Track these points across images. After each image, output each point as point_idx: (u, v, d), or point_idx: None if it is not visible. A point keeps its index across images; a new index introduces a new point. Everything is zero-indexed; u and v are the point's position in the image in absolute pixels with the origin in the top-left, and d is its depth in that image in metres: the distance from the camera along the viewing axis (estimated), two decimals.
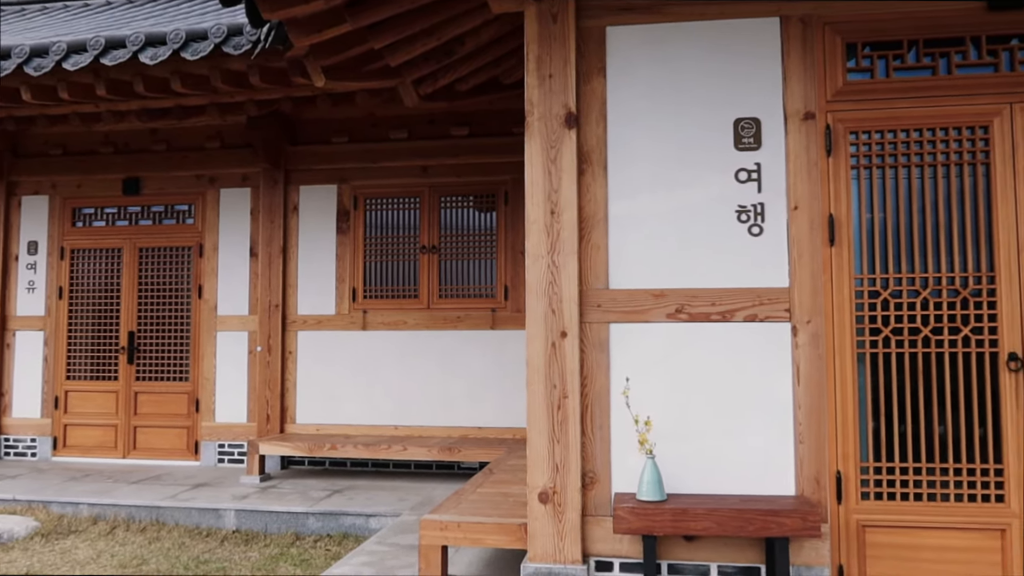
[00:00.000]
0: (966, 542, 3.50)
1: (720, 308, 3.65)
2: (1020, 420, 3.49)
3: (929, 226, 3.61)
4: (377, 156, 7.13)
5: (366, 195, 7.21)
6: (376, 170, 7.15)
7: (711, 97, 3.74)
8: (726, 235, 3.67)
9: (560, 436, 3.65)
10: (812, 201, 3.63)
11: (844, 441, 3.57)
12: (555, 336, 3.67)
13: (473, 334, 6.92)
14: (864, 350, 3.60)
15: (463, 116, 6.90)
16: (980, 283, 3.56)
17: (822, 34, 3.69)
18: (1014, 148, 3.56)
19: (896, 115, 3.63)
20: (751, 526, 3.32)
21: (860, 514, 3.55)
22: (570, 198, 3.70)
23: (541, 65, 3.77)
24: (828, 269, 3.61)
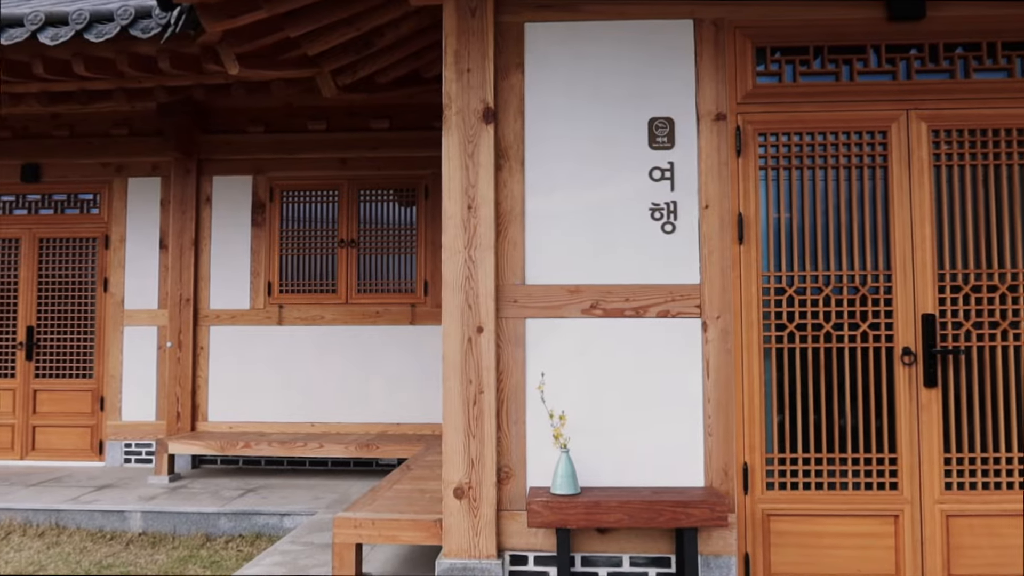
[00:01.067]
0: (863, 528, 3.66)
1: (634, 304, 3.71)
2: (913, 411, 3.67)
3: (832, 226, 3.76)
4: (294, 147, 6.97)
5: (283, 187, 7.04)
6: (293, 161, 6.99)
7: (627, 96, 3.80)
8: (640, 232, 3.74)
9: (476, 431, 3.65)
10: (722, 200, 3.73)
11: (751, 433, 3.68)
12: (471, 331, 3.67)
13: (392, 329, 6.85)
14: (770, 345, 3.72)
15: (384, 109, 6.81)
16: (878, 281, 3.73)
17: (733, 38, 3.79)
18: (909, 153, 3.73)
19: (802, 118, 3.76)
20: (661, 517, 3.40)
21: (765, 503, 3.67)
22: (487, 193, 3.70)
23: (459, 59, 3.75)
24: (737, 266, 3.72)
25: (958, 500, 3.64)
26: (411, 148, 6.78)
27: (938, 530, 3.63)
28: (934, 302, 3.68)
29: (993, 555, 3.63)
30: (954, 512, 3.64)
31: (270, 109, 7.01)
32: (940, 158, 3.74)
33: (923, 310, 3.68)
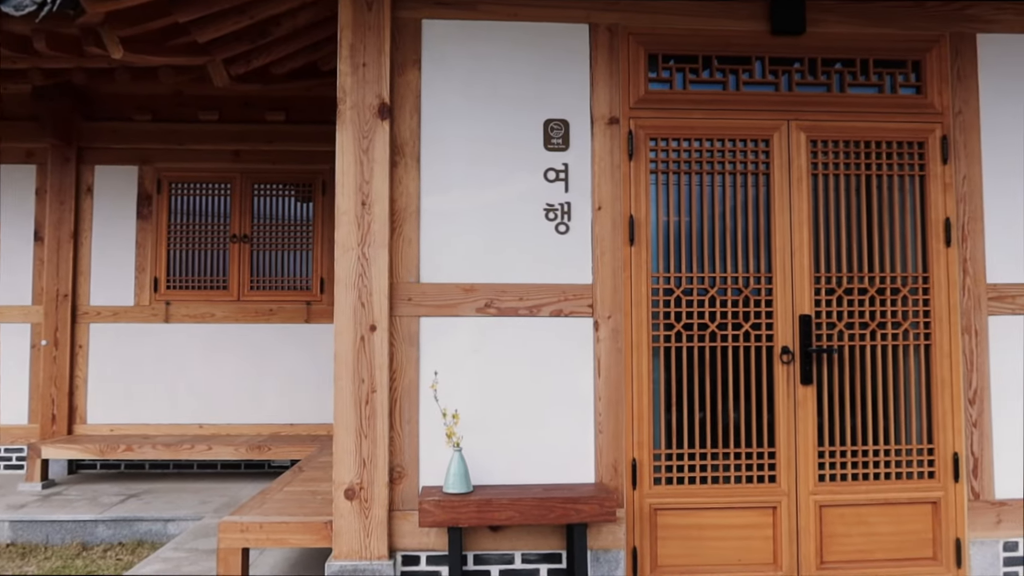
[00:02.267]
0: (743, 520, 3.81)
1: (528, 303, 3.74)
2: (790, 408, 3.85)
3: (718, 229, 3.90)
4: (184, 137, 6.68)
5: (171, 178, 6.74)
6: (183, 152, 6.70)
7: (524, 97, 3.83)
8: (535, 232, 3.78)
9: (368, 431, 3.60)
10: (614, 202, 3.81)
11: (640, 430, 3.78)
12: (364, 330, 3.61)
13: (287, 328, 6.67)
14: (659, 344, 3.83)
15: (280, 101, 6.62)
16: (759, 283, 3.89)
17: (627, 44, 3.87)
18: (789, 161, 3.91)
19: (691, 124, 3.89)
20: (552, 514, 3.44)
21: (653, 498, 3.77)
22: (382, 190, 3.65)
23: (355, 53, 3.69)
24: (628, 267, 3.81)
25: (830, 491, 3.85)
26: (308, 142, 6.63)
27: (812, 520, 3.82)
28: (811, 304, 3.87)
29: (862, 542, 3.85)
30: (827, 503, 3.84)
31: (158, 96, 6.69)
32: (818, 167, 3.94)
33: (800, 311, 3.87)
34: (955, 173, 3.95)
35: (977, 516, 3.87)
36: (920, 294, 3.94)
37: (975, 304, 3.93)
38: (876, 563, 3.84)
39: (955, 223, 3.94)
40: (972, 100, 3.99)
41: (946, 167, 3.95)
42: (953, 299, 3.92)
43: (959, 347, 3.90)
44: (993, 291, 3.94)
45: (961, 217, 3.94)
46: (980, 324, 3.92)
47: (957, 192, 3.95)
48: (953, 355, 3.91)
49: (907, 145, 3.97)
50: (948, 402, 3.90)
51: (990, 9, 4.02)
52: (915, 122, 3.96)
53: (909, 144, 3.97)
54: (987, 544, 3.87)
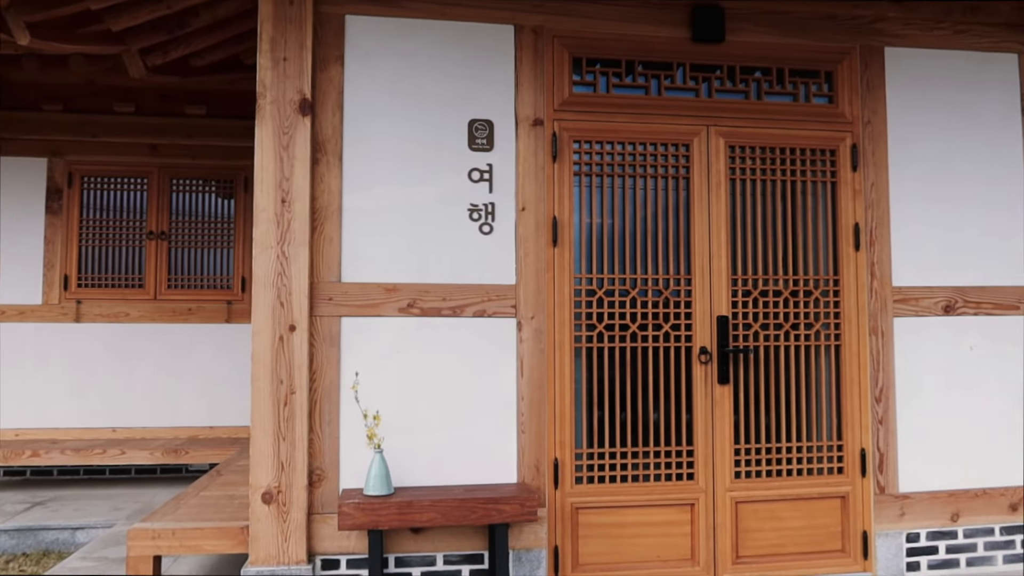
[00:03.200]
0: (663, 517, 3.88)
1: (451, 303, 3.73)
2: (708, 407, 3.94)
3: (639, 232, 3.96)
4: (97, 129, 6.41)
5: (83, 172, 6.46)
6: (96, 145, 6.42)
7: (449, 96, 3.81)
8: (459, 232, 3.76)
9: (286, 433, 3.52)
10: (538, 203, 3.83)
11: (562, 430, 3.80)
12: (283, 329, 3.54)
13: (206, 328, 6.48)
14: (581, 345, 3.87)
15: (200, 94, 6.43)
16: (679, 285, 3.97)
17: (552, 46, 3.90)
18: (709, 166, 4.01)
19: (615, 128, 3.94)
20: (474, 514, 3.43)
21: (574, 497, 3.81)
22: (303, 188, 3.58)
23: (275, 47, 3.61)
24: (551, 268, 3.83)
25: (746, 488, 3.95)
26: (230, 137, 6.45)
27: (728, 516, 3.92)
28: (728, 305, 3.97)
29: (775, 536, 3.97)
30: (742, 499, 3.94)
31: (70, 86, 6.40)
32: (735, 172, 4.04)
33: (718, 312, 3.96)
34: (864, 180, 4.11)
35: (882, 509, 4.03)
36: (831, 296, 4.09)
37: (882, 306, 4.09)
38: (788, 556, 3.97)
39: (864, 228, 4.10)
40: (880, 110, 4.15)
41: (856, 174, 4.11)
42: (861, 301, 4.08)
43: (867, 347, 4.06)
44: (898, 294, 4.12)
45: (869, 223, 4.10)
46: (886, 325, 4.09)
47: (866, 198, 4.11)
48: (861, 355, 4.06)
49: (820, 152, 4.11)
50: (856, 400, 4.06)
51: (897, 24, 4.20)
52: (827, 130, 4.10)
53: (822, 151, 4.11)
54: (891, 536, 4.03)
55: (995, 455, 4.18)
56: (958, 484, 4.14)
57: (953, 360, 4.17)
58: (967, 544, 4.13)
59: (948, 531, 4.10)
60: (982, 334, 4.20)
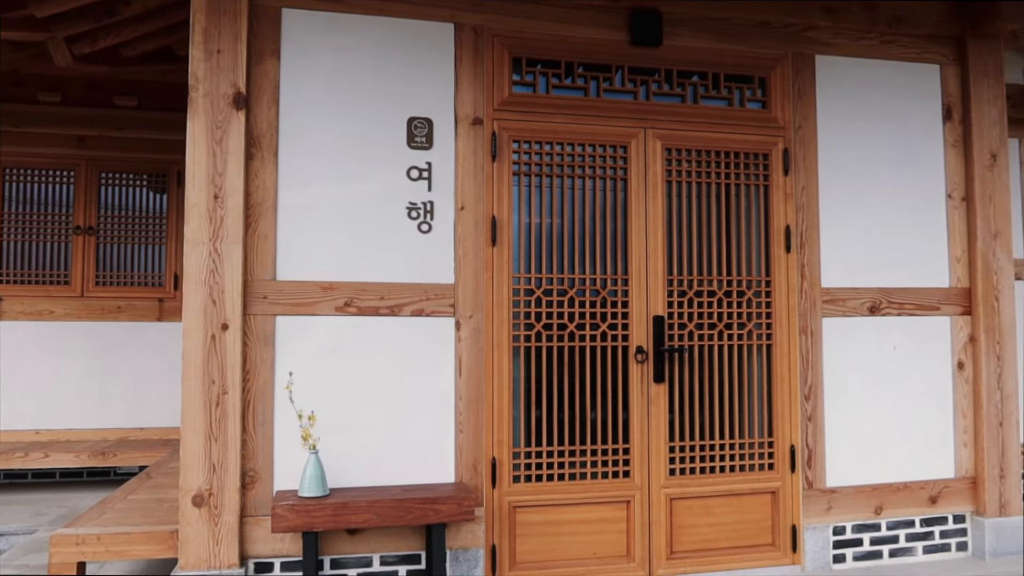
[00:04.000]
0: (599, 514, 3.92)
1: (389, 302, 3.70)
2: (644, 405, 4.00)
3: (578, 232, 3.99)
4: (20, 120, 6.14)
5: (6, 163, 6.18)
6: (19, 136, 6.15)
7: (388, 93, 3.78)
8: (397, 231, 3.74)
9: (218, 434, 3.45)
10: (477, 202, 3.83)
11: (499, 429, 3.81)
12: (215, 328, 3.46)
13: (137, 326, 6.28)
14: (519, 344, 3.88)
15: (131, 85, 6.23)
16: (616, 285, 4.02)
17: (492, 45, 3.90)
18: (646, 168, 4.06)
19: (554, 128, 3.96)
20: (411, 515, 3.41)
21: (512, 496, 3.82)
22: (237, 183, 3.51)
23: (208, 38, 3.53)
24: (490, 267, 3.83)
25: (680, 484, 4.02)
26: (163, 130, 6.26)
27: (663, 512, 3.99)
28: (664, 305, 4.04)
29: (709, 532, 4.05)
30: (677, 495, 4.01)
31: None
32: (672, 174, 4.11)
33: (654, 312, 4.02)
34: (795, 184, 4.23)
35: (811, 503, 4.15)
36: (763, 297, 4.19)
37: (811, 307, 4.21)
38: (721, 551, 4.05)
39: (794, 231, 4.21)
40: (811, 116, 4.27)
41: (787, 178, 4.22)
42: (792, 302, 4.19)
43: (797, 346, 4.18)
44: (827, 295, 4.24)
45: (800, 225, 4.22)
46: (815, 325, 4.21)
47: (796, 202, 4.22)
48: (791, 354, 4.18)
49: (753, 156, 4.21)
50: (786, 398, 4.17)
51: (827, 33, 4.33)
52: (760, 135, 4.20)
53: (755, 155, 4.21)
54: (819, 529, 4.16)
55: (916, 450, 4.35)
56: (882, 478, 4.29)
57: (878, 359, 4.32)
58: (890, 536, 4.28)
59: (872, 524, 4.25)
60: (905, 334, 4.36)
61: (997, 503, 4.33)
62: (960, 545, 4.39)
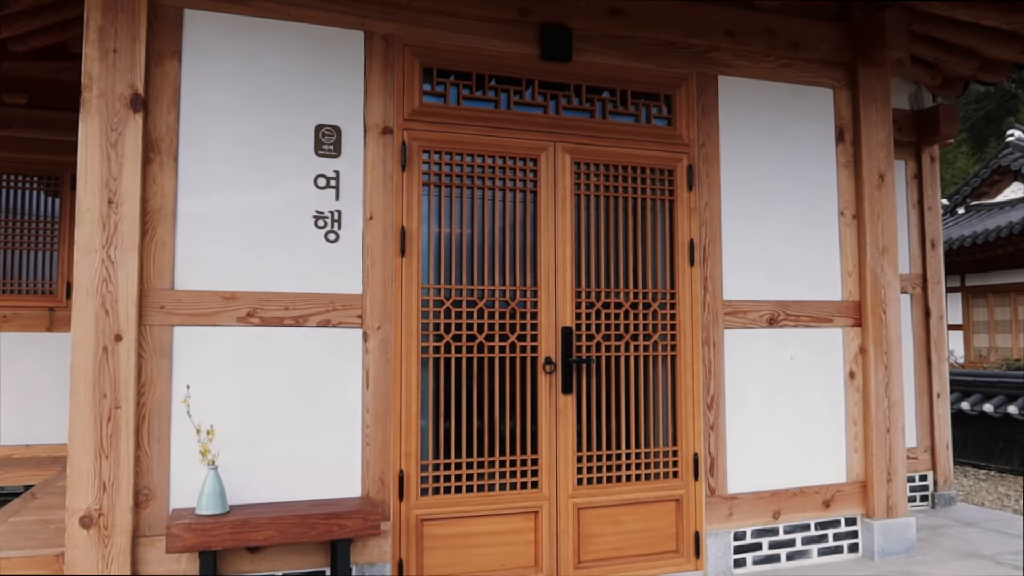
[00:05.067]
0: (508, 525, 3.92)
1: (294, 313, 3.61)
2: (552, 416, 4.03)
3: (488, 243, 4.00)
4: None
5: None
6: None
7: (295, 100, 3.70)
8: (303, 240, 3.66)
9: (110, 451, 3.28)
10: (387, 212, 3.79)
11: (407, 441, 3.77)
12: (108, 340, 3.30)
13: (25, 336, 5.94)
14: (428, 355, 3.85)
15: (21, 82, 5.90)
16: (525, 296, 4.04)
17: (403, 55, 3.88)
18: (555, 181, 4.11)
19: (464, 140, 3.97)
20: (314, 531, 3.33)
21: (420, 509, 3.78)
22: (133, 188, 3.36)
23: (104, 37, 3.38)
24: (399, 278, 3.80)
25: (588, 494, 4.07)
26: (56, 130, 5.95)
27: (571, 522, 4.02)
28: (572, 317, 4.09)
29: (615, 540, 4.11)
30: (584, 505, 4.06)
31: None
32: (581, 188, 4.17)
33: (563, 323, 4.06)
34: (699, 199, 4.36)
35: (713, 510, 4.27)
36: (668, 309, 4.30)
37: (714, 319, 4.34)
38: (627, 559, 4.12)
39: (698, 245, 4.34)
40: (714, 134, 4.42)
41: (691, 194, 4.35)
42: (696, 314, 4.31)
43: (700, 357, 4.30)
44: (729, 307, 4.38)
45: (703, 239, 4.35)
46: (718, 336, 4.35)
47: (700, 217, 4.35)
48: (695, 364, 4.29)
49: (659, 172, 4.32)
50: (690, 407, 4.28)
51: (729, 55, 4.49)
52: (666, 151, 4.32)
53: (661, 171, 4.32)
54: (721, 535, 4.28)
55: (812, 456, 4.53)
56: (780, 484, 4.45)
57: (776, 369, 4.49)
58: (787, 540, 4.45)
59: (771, 528, 4.40)
60: (802, 345, 4.55)
61: (885, 505, 4.56)
62: (851, 547, 4.59)
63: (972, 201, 16.68)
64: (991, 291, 14.94)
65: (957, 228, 15.19)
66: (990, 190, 16.78)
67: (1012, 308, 14.52)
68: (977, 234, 13.66)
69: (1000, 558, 4.58)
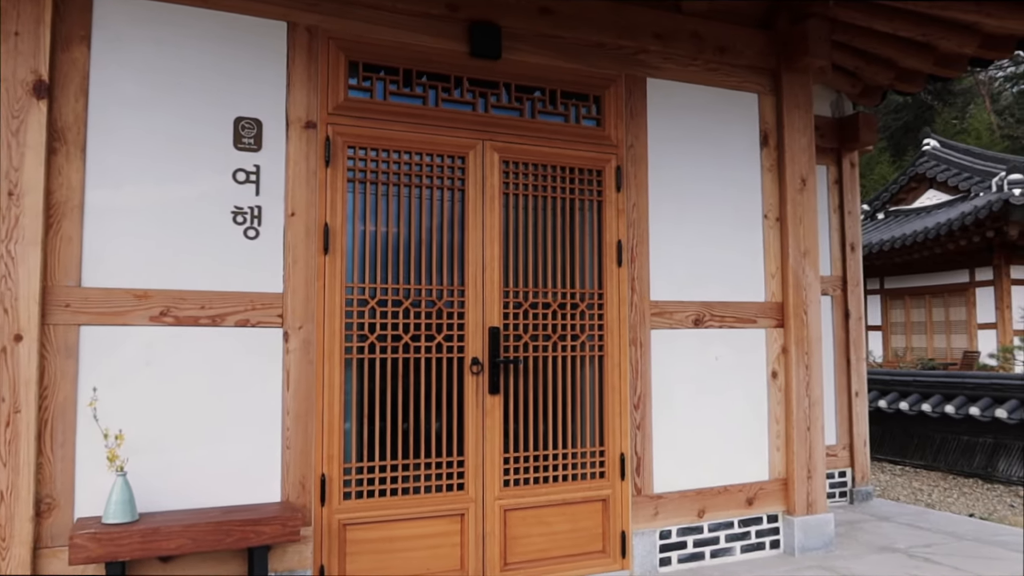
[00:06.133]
0: (433, 528, 3.86)
1: (211, 312, 3.48)
2: (479, 417, 3.99)
3: (414, 242, 3.93)
4: None
5: None
6: None
7: (214, 91, 3.57)
8: (221, 236, 3.53)
9: (8, 458, 3.10)
10: (309, 209, 3.69)
11: (330, 444, 3.67)
12: (7, 339, 3.12)
13: None
14: (352, 356, 3.76)
15: None
16: (452, 296, 3.99)
17: (328, 48, 3.78)
18: (484, 179, 4.07)
19: (391, 136, 3.89)
20: (230, 538, 3.21)
21: (342, 514, 3.69)
22: (36, 180, 3.19)
23: (6, 19, 3.19)
24: (322, 276, 3.70)
25: (514, 495, 4.04)
26: None
27: (497, 524, 3.98)
28: (500, 317, 4.05)
29: (542, 541, 4.09)
30: (511, 506, 4.03)
31: None
32: (509, 187, 4.14)
33: (490, 323, 4.03)
34: (627, 201, 4.38)
35: (639, 510, 4.29)
36: (596, 309, 4.30)
37: (641, 319, 4.37)
38: (554, 560, 4.10)
39: (626, 246, 4.36)
40: (642, 136, 4.45)
41: (620, 194, 4.37)
42: (623, 314, 4.33)
43: (627, 357, 4.32)
44: (655, 307, 4.42)
45: (631, 240, 4.37)
46: (644, 337, 4.38)
47: (628, 218, 4.38)
48: (622, 365, 4.31)
49: (588, 172, 4.33)
50: (617, 407, 4.29)
51: (658, 57, 4.53)
52: (595, 152, 4.33)
53: (590, 171, 4.33)
54: (646, 534, 4.30)
55: (736, 455, 4.60)
56: (705, 483, 4.50)
57: (702, 369, 4.55)
58: (711, 537, 4.51)
59: (695, 527, 4.45)
60: (726, 345, 4.62)
61: (805, 502, 4.66)
62: (773, 543, 4.68)
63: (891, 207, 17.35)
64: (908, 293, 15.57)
65: (877, 232, 15.78)
66: (907, 196, 17.49)
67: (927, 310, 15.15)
68: (895, 238, 14.21)
69: (912, 551, 4.73)
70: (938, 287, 14.80)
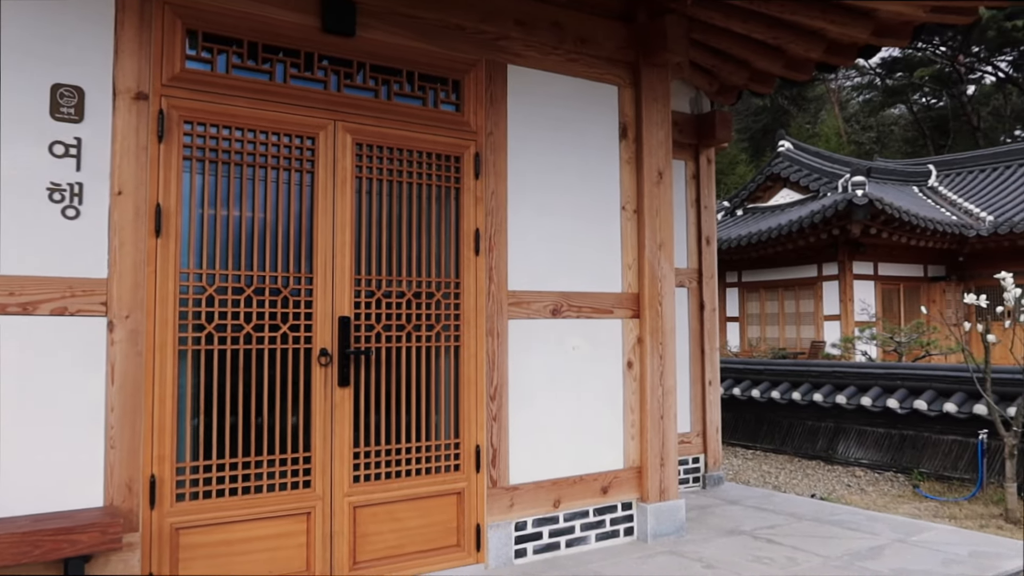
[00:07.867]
0: (277, 529, 3.66)
1: (21, 299, 3.13)
2: (327, 410, 3.81)
3: (258, 226, 3.70)
4: None
5: None
6: None
7: (28, 54, 3.21)
8: (34, 215, 3.18)
9: None
10: (139, 188, 3.39)
11: (161, 443, 3.40)
12: None
13: None
14: (187, 347, 3.50)
15: None
16: (299, 284, 3.79)
17: (163, 13, 3.48)
18: (335, 162, 3.89)
19: (233, 112, 3.64)
20: (38, 550, 2.91)
21: (175, 517, 3.43)
22: None
23: None
24: (153, 261, 3.41)
25: (365, 491, 3.89)
26: None
27: (346, 522, 3.83)
28: (351, 306, 3.88)
29: (394, 538, 3.97)
30: (361, 503, 3.88)
31: None
32: (363, 171, 3.97)
33: (340, 313, 3.85)
34: (485, 188, 4.30)
35: (494, 502, 4.25)
36: (452, 299, 4.21)
37: (498, 309, 4.31)
38: (406, 556, 3.99)
39: (484, 234, 4.29)
40: (502, 123, 4.38)
41: (478, 182, 4.29)
42: (480, 304, 4.26)
43: (484, 348, 4.25)
44: (513, 297, 4.38)
45: (489, 229, 4.30)
46: (502, 327, 4.32)
47: (486, 206, 4.30)
48: (478, 355, 4.24)
49: (446, 158, 4.22)
50: (473, 399, 4.22)
51: (519, 44, 4.47)
52: (453, 137, 4.22)
53: (447, 157, 4.22)
54: (502, 526, 4.26)
55: (592, 444, 4.64)
56: (561, 472, 4.51)
57: (559, 359, 4.55)
58: (567, 527, 4.52)
59: (551, 517, 4.46)
60: (583, 336, 4.64)
61: (658, 489, 4.76)
62: (627, 530, 4.76)
63: (749, 204, 18.25)
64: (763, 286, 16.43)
65: (736, 228, 16.55)
66: (764, 195, 18.45)
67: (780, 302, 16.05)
68: (752, 234, 14.94)
69: (757, 533, 4.94)
70: (790, 281, 15.70)
